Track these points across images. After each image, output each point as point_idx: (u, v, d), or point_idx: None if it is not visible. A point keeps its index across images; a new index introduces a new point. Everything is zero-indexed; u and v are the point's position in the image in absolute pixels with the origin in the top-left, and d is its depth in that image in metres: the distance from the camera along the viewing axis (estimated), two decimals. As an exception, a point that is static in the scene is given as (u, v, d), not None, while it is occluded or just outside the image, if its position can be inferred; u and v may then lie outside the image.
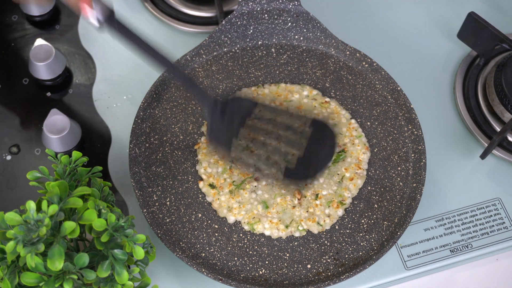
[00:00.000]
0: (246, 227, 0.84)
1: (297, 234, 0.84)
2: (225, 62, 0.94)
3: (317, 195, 0.86)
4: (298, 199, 0.85)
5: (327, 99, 0.92)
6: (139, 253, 0.69)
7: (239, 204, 0.85)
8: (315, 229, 0.84)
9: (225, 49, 0.95)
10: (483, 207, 0.90)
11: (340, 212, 0.85)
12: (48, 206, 0.66)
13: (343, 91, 0.93)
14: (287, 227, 0.84)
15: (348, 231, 0.84)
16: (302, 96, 0.92)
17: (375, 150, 0.89)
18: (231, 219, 0.85)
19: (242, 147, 0.88)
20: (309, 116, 0.86)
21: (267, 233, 0.84)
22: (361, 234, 0.84)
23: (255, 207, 0.85)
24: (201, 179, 0.87)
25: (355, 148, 0.89)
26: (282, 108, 0.89)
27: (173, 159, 0.88)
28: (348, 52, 0.94)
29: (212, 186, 0.86)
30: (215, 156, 0.88)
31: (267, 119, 0.88)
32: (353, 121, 0.91)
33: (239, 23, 0.94)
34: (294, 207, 0.85)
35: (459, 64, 0.99)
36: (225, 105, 0.83)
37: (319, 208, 0.85)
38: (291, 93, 0.92)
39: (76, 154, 0.76)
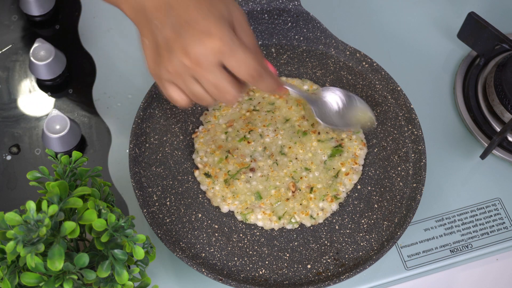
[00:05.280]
0: (239, 217, 0.85)
1: (289, 227, 0.84)
2: (225, 62, 0.94)
3: (311, 188, 0.86)
4: (293, 192, 0.85)
5: None
6: (139, 253, 0.69)
7: (233, 194, 0.85)
8: (307, 222, 0.84)
9: (225, 49, 0.95)
10: (483, 207, 0.90)
11: (334, 206, 0.85)
12: (48, 206, 0.66)
13: (343, 91, 0.93)
14: (279, 218, 0.84)
15: (348, 231, 0.84)
16: (302, 90, 0.92)
17: (375, 150, 0.89)
18: (224, 208, 0.85)
19: (239, 137, 0.88)
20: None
21: (259, 224, 0.84)
22: (361, 234, 0.84)
23: (248, 197, 0.85)
24: (197, 168, 0.87)
25: (352, 144, 0.89)
26: None
27: (173, 159, 0.88)
28: (348, 52, 0.94)
29: (207, 175, 0.87)
30: (212, 145, 0.88)
31: (266, 111, 0.89)
32: None
33: (239, 23, 0.94)
34: (288, 199, 0.85)
35: (459, 64, 0.99)
36: None
37: (313, 201, 0.85)
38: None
39: (76, 154, 0.76)
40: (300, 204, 0.85)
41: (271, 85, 0.74)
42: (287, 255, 0.83)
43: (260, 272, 0.82)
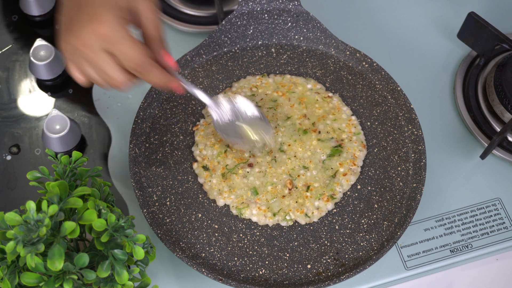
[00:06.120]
0: (234, 212, 0.85)
1: (283, 224, 0.84)
2: (225, 62, 0.94)
3: (308, 186, 0.86)
4: (289, 189, 0.85)
5: (330, 94, 0.92)
6: (139, 253, 0.69)
7: (229, 188, 0.85)
8: (302, 220, 0.84)
9: (225, 49, 0.95)
10: (483, 207, 0.90)
11: (330, 206, 0.85)
12: (48, 206, 0.66)
13: (343, 91, 0.93)
14: (274, 215, 0.84)
15: (348, 231, 0.84)
16: (305, 89, 0.92)
17: (375, 150, 0.89)
18: (220, 202, 0.85)
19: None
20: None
21: (254, 219, 0.84)
22: (361, 234, 0.84)
23: (245, 192, 0.85)
24: (196, 161, 0.87)
25: (352, 145, 0.89)
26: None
27: (173, 159, 0.88)
28: (348, 52, 0.94)
29: (205, 168, 0.87)
30: (212, 139, 0.88)
31: (268, 108, 0.89)
32: (353, 117, 0.91)
33: (239, 23, 0.94)
34: (284, 196, 0.85)
35: (459, 64, 0.99)
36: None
37: (308, 200, 0.85)
38: (295, 85, 0.92)
39: (76, 154, 0.76)
40: (296, 202, 0.85)
41: (157, 79, 0.75)
42: (287, 255, 0.83)
43: (260, 272, 0.82)
